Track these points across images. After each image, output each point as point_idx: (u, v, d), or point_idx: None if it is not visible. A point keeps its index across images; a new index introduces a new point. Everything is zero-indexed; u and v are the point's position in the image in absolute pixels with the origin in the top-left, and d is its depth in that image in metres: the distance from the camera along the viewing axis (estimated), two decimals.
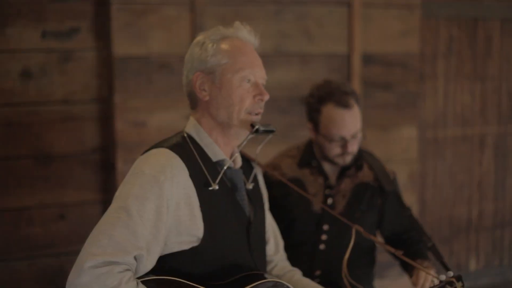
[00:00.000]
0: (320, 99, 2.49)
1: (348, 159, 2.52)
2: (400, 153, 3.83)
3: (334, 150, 2.49)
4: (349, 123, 2.45)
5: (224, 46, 1.88)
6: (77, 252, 1.71)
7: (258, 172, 2.15)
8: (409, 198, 3.84)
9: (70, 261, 3.11)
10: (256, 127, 1.87)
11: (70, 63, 3.04)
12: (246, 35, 1.94)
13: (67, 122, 3.06)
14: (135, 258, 1.68)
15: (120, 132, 3.08)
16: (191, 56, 1.93)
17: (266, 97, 1.90)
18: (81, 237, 3.09)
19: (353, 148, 2.50)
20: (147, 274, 1.74)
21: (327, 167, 2.59)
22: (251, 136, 1.90)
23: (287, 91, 3.45)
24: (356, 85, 3.64)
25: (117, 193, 1.77)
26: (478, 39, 4.29)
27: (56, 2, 3.00)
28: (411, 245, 2.57)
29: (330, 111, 2.46)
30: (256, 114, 1.90)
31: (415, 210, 3.90)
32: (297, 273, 2.21)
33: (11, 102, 2.96)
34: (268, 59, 3.38)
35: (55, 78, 3.02)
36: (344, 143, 2.47)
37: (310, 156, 2.60)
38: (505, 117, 4.47)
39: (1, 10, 2.90)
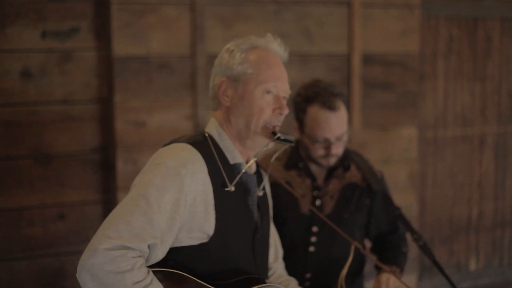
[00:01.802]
0: (307, 99, 2.48)
1: (332, 161, 2.51)
2: (400, 153, 3.83)
3: (318, 151, 2.48)
4: (334, 125, 2.44)
5: (252, 56, 1.93)
6: (77, 252, 1.72)
7: (267, 182, 2.17)
8: (409, 198, 3.84)
9: (70, 261, 3.12)
10: (278, 135, 1.92)
11: (70, 63, 3.04)
12: (276, 47, 1.99)
13: (67, 122, 3.06)
14: (148, 246, 1.70)
15: (120, 132, 3.08)
16: (219, 61, 1.97)
17: (286, 111, 1.94)
18: (81, 237, 3.10)
19: (337, 150, 2.48)
20: (152, 266, 1.76)
21: (314, 168, 2.57)
22: (271, 143, 1.94)
23: None
24: (356, 85, 3.64)
25: (136, 181, 1.80)
26: (478, 39, 4.29)
27: (56, 2, 3.00)
28: (387, 250, 2.57)
29: (315, 112, 2.45)
30: (274, 127, 1.93)
31: (415, 210, 3.90)
32: (292, 282, 2.23)
33: (11, 102, 2.96)
34: None
35: (55, 78, 3.02)
36: (328, 145, 2.46)
37: (296, 157, 2.58)
38: (505, 117, 4.47)
39: (1, 10, 2.90)
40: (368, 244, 2.74)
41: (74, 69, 3.05)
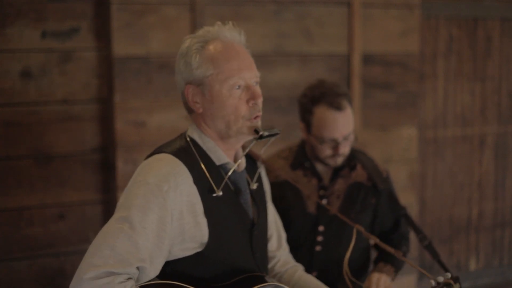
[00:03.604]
0: (313, 100, 2.48)
1: (340, 160, 2.51)
2: (400, 153, 3.83)
3: (325, 151, 2.48)
4: (341, 125, 2.44)
5: (206, 55, 1.81)
6: (77, 252, 1.71)
7: (262, 168, 2.13)
8: (409, 198, 3.83)
9: (70, 261, 3.12)
10: (261, 133, 1.83)
11: (70, 63, 3.04)
12: (229, 34, 1.85)
13: (67, 122, 3.06)
14: (137, 268, 1.67)
15: (120, 132, 3.08)
16: (178, 69, 1.87)
17: (260, 99, 1.84)
18: (81, 237, 3.10)
19: (345, 150, 2.49)
20: None
21: (320, 167, 2.58)
22: (255, 142, 1.86)
23: (287, 91, 3.45)
24: (356, 85, 3.64)
25: (120, 201, 1.75)
26: (478, 39, 4.29)
27: (56, 2, 3.00)
28: (383, 249, 2.57)
29: (322, 112, 2.45)
30: (256, 118, 1.84)
31: (415, 210, 3.90)
32: (299, 269, 2.20)
33: (11, 102, 2.96)
34: (268, 59, 3.39)
35: (55, 78, 3.02)
36: (335, 145, 2.46)
37: (302, 157, 2.58)
38: (505, 117, 4.47)
39: (1, 10, 2.90)
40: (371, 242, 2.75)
41: (74, 69, 3.05)
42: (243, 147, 1.97)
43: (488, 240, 4.51)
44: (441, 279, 1.94)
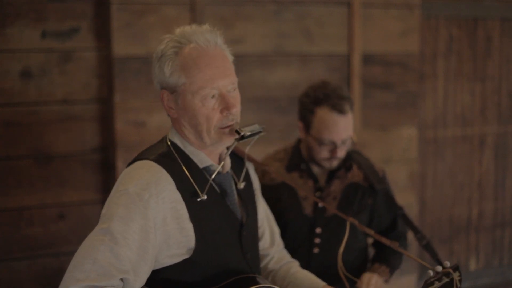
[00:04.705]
0: (316, 101, 2.46)
1: (335, 163, 2.51)
2: (400, 153, 3.83)
3: (323, 153, 2.47)
4: (341, 129, 2.43)
5: (179, 62, 1.77)
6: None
7: (250, 166, 2.10)
8: (409, 198, 3.83)
9: (70, 261, 3.11)
10: (242, 133, 1.78)
11: (70, 63, 3.04)
12: (203, 38, 1.78)
13: (67, 122, 3.06)
14: (121, 280, 1.65)
15: (120, 132, 3.08)
16: (154, 72, 1.84)
17: (233, 109, 1.77)
18: (81, 237, 3.08)
19: (341, 153, 2.48)
20: None
21: (316, 169, 2.57)
22: (237, 142, 1.82)
23: (287, 91, 3.44)
24: (356, 85, 3.64)
25: (103, 211, 1.73)
26: (478, 39, 4.29)
27: (56, 2, 3.00)
28: (383, 248, 2.57)
29: (324, 114, 2.44)
30: (228, 127, 1.79)
31: (415, 210, 3.90)
32: (294, 265, 2.18)
33: (11, 102, 2.96)
34: (268, 59, 3.39)
35: (55, 78, 3.02)
36: (333, 148, 2.45)
37: (298, 159, 2.57)
38: (505, 117, 4.47)
39: (1, 10, 2.90)
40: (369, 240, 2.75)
41: (74, 69, 3.05)
42: (227, 147, 1.92)
43: (488, 240, 4.50)
44: (439, 268, 1.93)
